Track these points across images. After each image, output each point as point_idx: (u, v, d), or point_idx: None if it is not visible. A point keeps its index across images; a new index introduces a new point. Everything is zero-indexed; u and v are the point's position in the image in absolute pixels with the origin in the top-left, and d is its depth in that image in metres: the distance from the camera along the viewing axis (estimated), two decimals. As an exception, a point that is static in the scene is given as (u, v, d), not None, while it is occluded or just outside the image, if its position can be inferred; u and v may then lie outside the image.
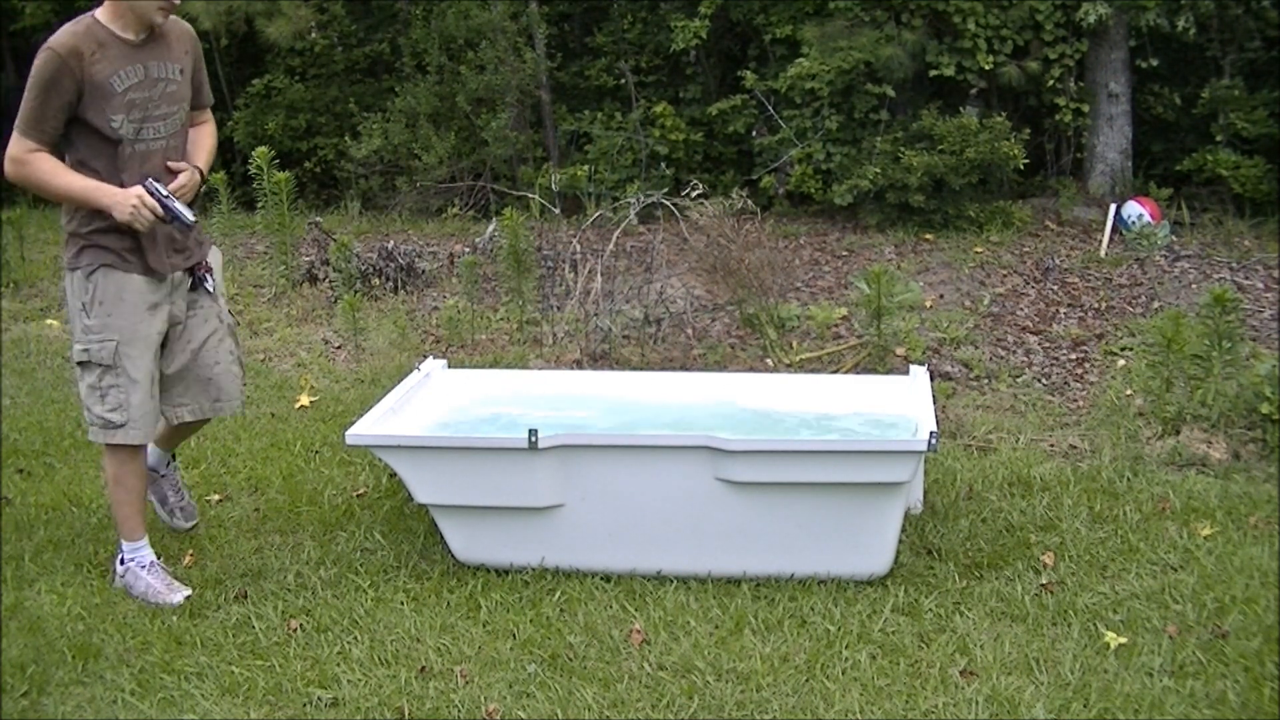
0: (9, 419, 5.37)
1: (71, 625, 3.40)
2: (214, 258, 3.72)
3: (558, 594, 3.50)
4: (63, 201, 3.40)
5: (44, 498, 4.37)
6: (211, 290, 3.64)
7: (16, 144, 3.34)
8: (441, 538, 3.73)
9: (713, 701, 2.95)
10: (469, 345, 6.40)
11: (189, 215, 3.38)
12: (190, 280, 3.59)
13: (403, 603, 3.50)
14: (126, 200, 3.30)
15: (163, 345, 3.54)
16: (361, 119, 9.85)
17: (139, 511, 3.62)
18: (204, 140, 3.80)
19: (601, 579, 3.58)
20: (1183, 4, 7.82)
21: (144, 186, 3.32)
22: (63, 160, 3.40)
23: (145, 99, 3.40)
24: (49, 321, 7.42)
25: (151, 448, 3.82)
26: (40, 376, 6.18)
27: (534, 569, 3.62)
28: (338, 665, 3.15)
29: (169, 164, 3.50)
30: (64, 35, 3.30)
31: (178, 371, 3.59)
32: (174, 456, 4.04)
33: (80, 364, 3.45)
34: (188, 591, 3.57)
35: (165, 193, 3.35)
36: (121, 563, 3.64)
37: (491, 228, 8.09)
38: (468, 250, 7.94)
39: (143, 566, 3.60)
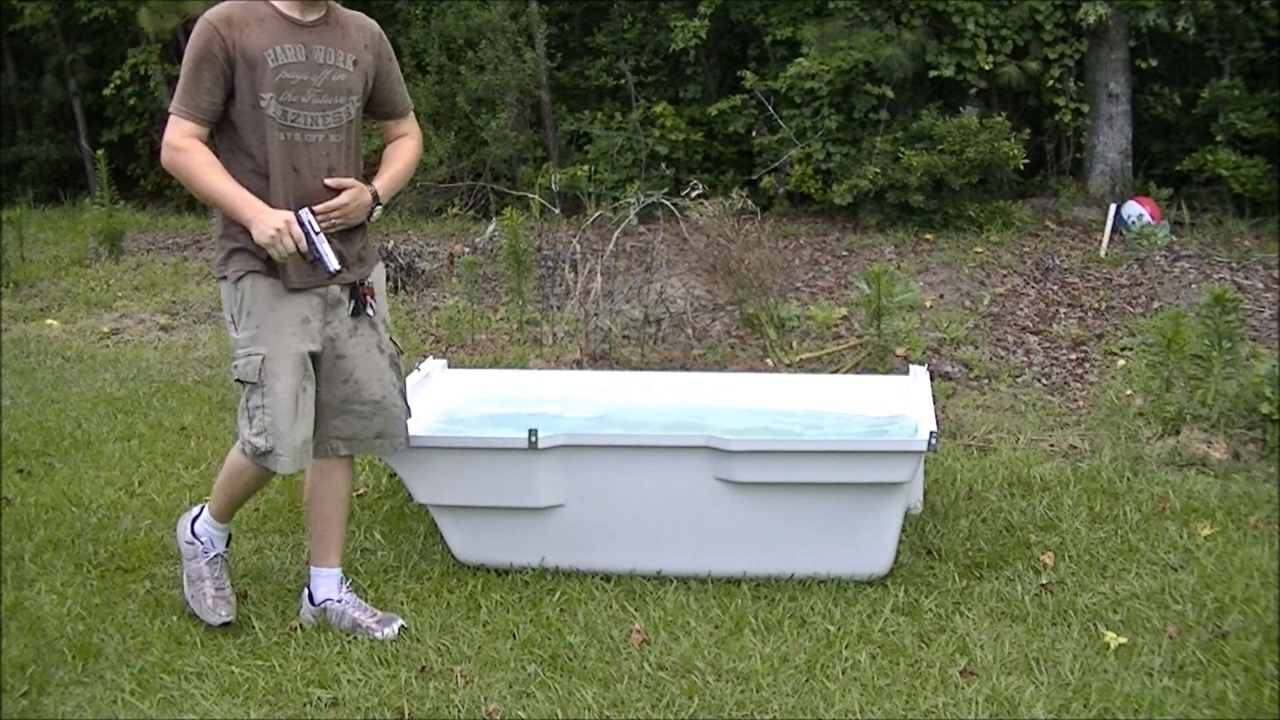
0: (9, 419, 5.37)
1: (71, 625, 3.40)
2: (377, 277, 3.39)
3: (558, 594, 3.50)
4: (207, 201, 3.18)
5: (44, 498, 4.36)
6: (373, 315, 3.32)
7: (173, 128, 3.09)
8: (441, 538, 3.73)
9: (713, 701, 2.95)
10: (469, 345, 6.39)
11: (332, 263, 3.04)
12: (352, 304, 3.27)
13: (403, 603, 3.49)
14: (270, 223, 3.01)
15: (318, 370, 3.22)
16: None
17: (237, 505, 3.44)
18: (397, 156, 3.42)
19: (601, 579, 3.58)
20: (1182, 4, 7.82)
21: (297, 214, 3.05)
22: (216, 153, 3.16)
23: (302, 81, 3.10)
24: (49, 321, 7.42)
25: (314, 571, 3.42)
26: (40, 376, 6.18)
27: (534, 569, 3.62)
28: (338, 665, 3.15)
29: (329, 182, 3.16)
30: (220, 5, 3.10)
31: (335, 402, 3.26)
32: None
33: (237, 381, 3.17)
34: (230, 616, 3.33)
35: (316, 229, 3.05)
36: (192, 534, 3.41)
37: (491, 228, 8.10)
38: (468, 250, 7.94)
39: (208, 555, 3.38)
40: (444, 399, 4.22)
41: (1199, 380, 4.73)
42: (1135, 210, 7.65)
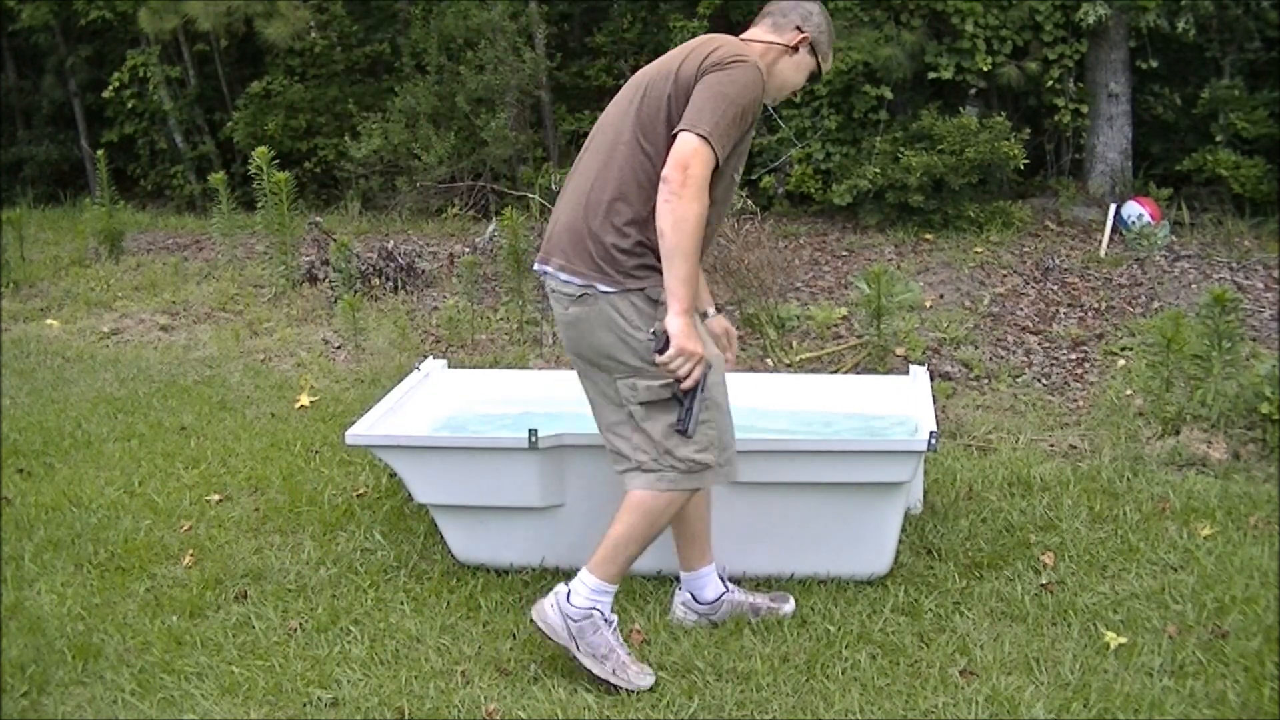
0: (9, 419, 5.37)
1: (71, 625, 3.40)
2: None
3: (558, 594, 3.49)
4: (673, 257, 2.79)
5: (44, 498, 4.37)
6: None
7: (704, 162, 2.78)
8: (441, 538, 3.73)
9: (713, 701, 2.95)
10: (469, 345, 6.40)
11: (691, 425, 2.89)
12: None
13: (403, 603, 3.49)
14: (692, 350, 2.80)
15: None
16: (361, 119, 9.85)
17: (636, 557, 3.07)
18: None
19: (601, 579, 3.58)
20: (1182, 5, 7.82)
21: (705, 365, 2.88)
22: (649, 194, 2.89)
23: (741, 154, 3.01)
24: (49, 321, 7.43)
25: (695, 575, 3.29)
26: (40, 376, 6.18)
27: (534, 569, 3.62)
28: (338, 665, 3.15)
29: (716, 328, 3.26)
30: (753, 53, 2.97)
31: None
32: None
33: (651, 401, 2.93)
34: (652, 678, 3.03)
35: (703, 388, 2.90)
36: (583, 609, 3.01)
37: (491, 228, 8.10)
38: (468, 250, 7.94)
39: (611, 624, 3.05)
40: (444, 399, 4.21)
41: (1199, 380, 4.73)
42: (1135, 210, 7.65)
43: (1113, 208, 7.68)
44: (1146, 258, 7.16)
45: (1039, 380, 5.55)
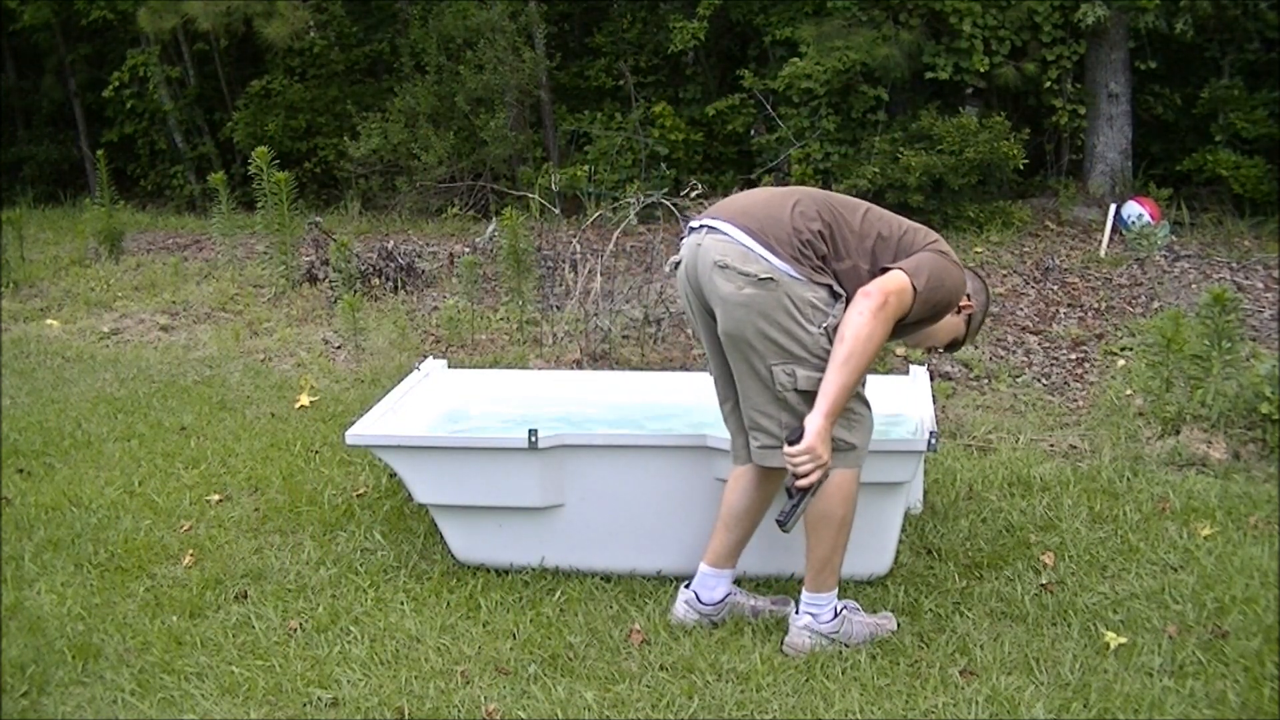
0: (9, 419, 5.37)
1: (71, 625, 3.40)
2: None
3: (558, 594, 3.50)
4: (845, 368, 2.88)
5: (44, 498, 4.36)
6: None
7: (904, 298, 2.93)
8: (441, 538, 3.73)
9: (713, 701, 2.95)
10: (469, 345, 6.40)
11: (791, 522, 2.97)
12: None
13: (403, 603, 3.49)
14: (822, 453, 2.89)
15: None
16: (361, 119, 9.86)
17: (843, 553, 3.16)
18: None
19: (601, 579, 3.58)
20: (1180, 5, 7.82)
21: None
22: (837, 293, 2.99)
23: None
24: (49, 321, 7.43)
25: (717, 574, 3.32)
26: (40, 376, 6.18)
27: (534, 569, 3.62)
28: (338, 665, 3.15)
29: None
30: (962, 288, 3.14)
31: None
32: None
33: (808, 390, 2.96)
34: (892, 618, 3.25)
35: (813, 493, 2.98)
36: (830, 620, 3.13)
37: (491, 228, 8.10)
38: (468, 250, 7.94)
39: (853, 610, 3.20)
40: (444, 399, 4.22)
41: (1199, 380, 4.73)
42: (1135, 210, 7.65)
43: (1113, 208, 7.69)
44: (1146, 258, 7.16)
45: (1039, 380, 5.55)
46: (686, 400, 4.22)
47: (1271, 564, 3.56)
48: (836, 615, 3.14)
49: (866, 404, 3.12)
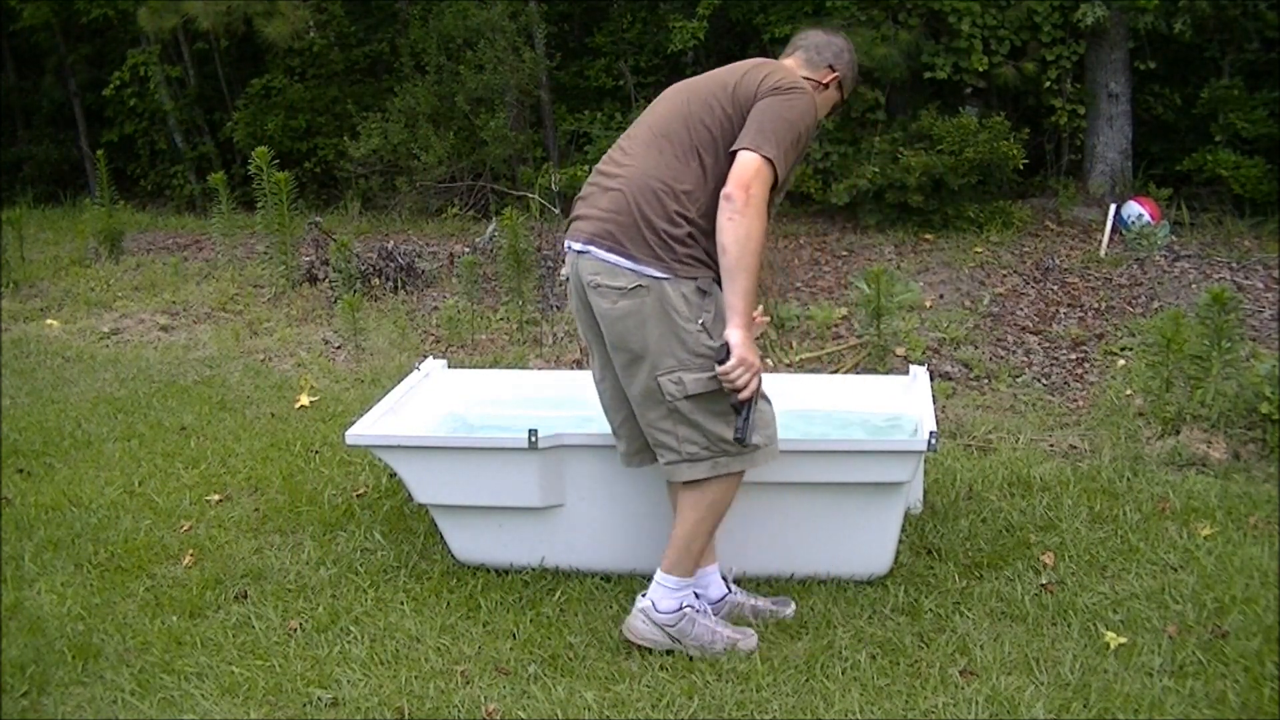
0: (9, 419, 5.37)
1: (71, 625, 3.40)
2: None
3: (558, 594, 3.50)
4: (737, 274, 2.89)
5: (44, 498, 4.36)
6: None
7: (763, 178, 2.87)
8: (441, 538, 3.73)
9: (713, 701, 2.95)
10: (469, 345, 6.40)
11: (747, 433, 2.96)
12: None
13: (403, 603, 3.49)
14: (752, 361, 2.91)
15: None
16: (361, 119, 9.86)
17: (705, 548, 3.17)
18: None
19: (601, 579, 3.58)
20: (1179, 6, 7.82)
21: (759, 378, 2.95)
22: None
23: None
24: (49, 321, 7.43)
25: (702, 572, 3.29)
26: (40, 376, 6.18)
27: (534, 569, 3.62)
28: (338, 665, 3.15)
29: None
30: (805, 80, 3.06)
31: None
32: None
33: (698, 394, 2.97)
34: (755, 636, 3.17)
35: (763, 396, 3.00)
36: (672, 611, 3.10)
37: (491, 228, 8.10)
38: (468, 250, 7.94)
39: (701, 612, 3.15)
40: (444, 399, 4.21)
41: (1199, 380, 4.73)
42: (1135, 210, 7.65)
43: (1113, 208, 7.68)
44: (1146, 258, 7.16)
45: (1039, 380, 5.55)
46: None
47: (1271, 564, 3.56)
48: (680, 609, 3.09)
49: (768, 400, 3.11)
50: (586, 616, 3.37)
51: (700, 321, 2.97)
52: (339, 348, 6.53)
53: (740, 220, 2.85)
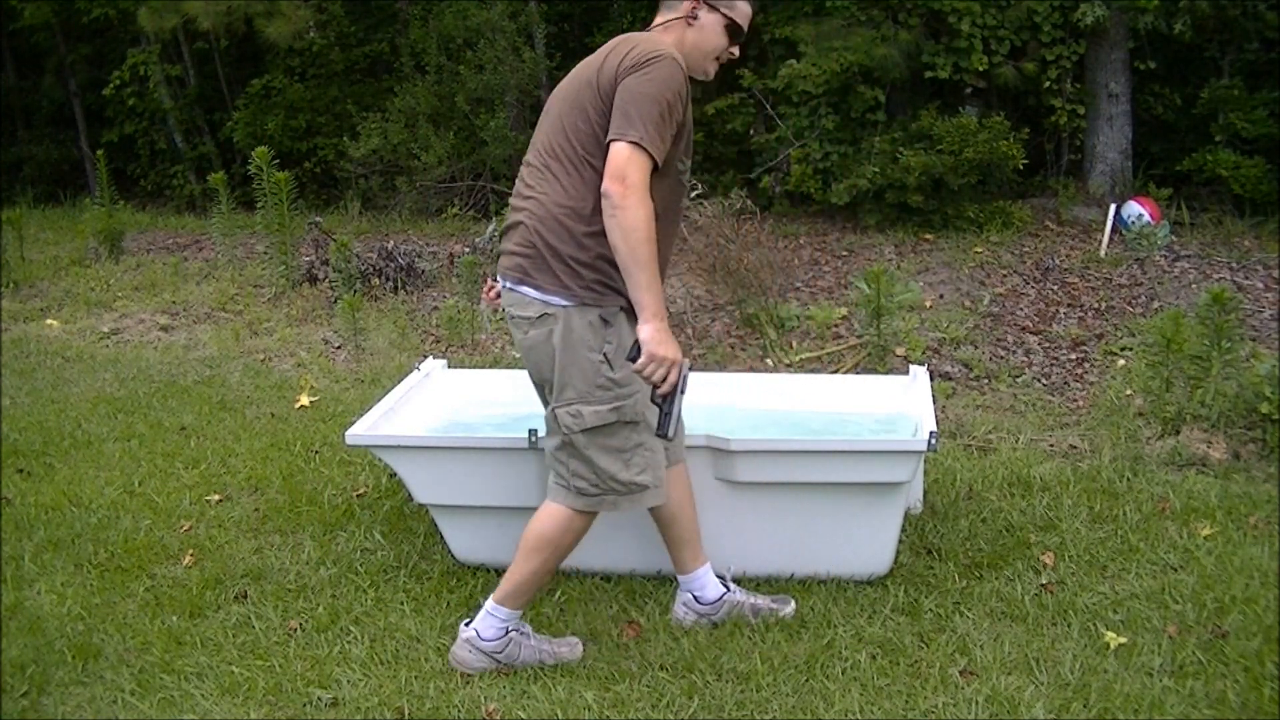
0: (9, 419, 5.37)
1: (71, 625, 3.40)
2: None
3: (558, 594, 3.50)
4: (630, 266, 2.78)
5: (44, 498, 4.37)
6: None
7: (638, 165, 2.75)
8: (441, 538, 3.73)
9: (713, 701, 2.95)
10: (469, 345, 6.40)
11: (670, 428, 2.86)
12: None
13: (403, 603, 3.49)
14: (664, 355, 2.79)
15: None
16: (361, 119, 9.85)
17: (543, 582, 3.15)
18: None
19: (601, 579, 3.58)
20: (1180, 6, 7.82)
21: (684, 366, 2.85)
22: None
23: (690, 145, 2.97)
24: (49, 321, 7.43)
25: (692, 577, 3.30)
26: (40, 376, 6.18)
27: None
28: (338, 665, 3.15)
29: None
30: (669, 46, 2.91)
31: None
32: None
33: (595, 427, 2.92)
34: (579, 644, 3.18)
35: (683, 391, 2.86)
36: (495, 639, 3.09)
37: (491, 228, 8.09)
38: (468, 250, 7.94)
39: (526, 636, 3.13)
40: (444, 399, 4.21)
41: (1199, 380, 4.73)
42: (1135, 210, 7.65)
43: (1113, 208, 7.68)
44: (1146, 258, 7.16)
45: (1039, 380, 5.55)
46: (687, 400, 4.22)
47: (1271, 564, 3.56)
48: (505, 635, 3.08)
49: (652, 434, 2.96)
50: (586, 616, 3.37)
51: (603, 352, 2.90)
52: (339, 348, 6.53)
53: (621, 214, 2.74)
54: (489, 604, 3.09)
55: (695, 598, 3.29)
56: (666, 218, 2.95)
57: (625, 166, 2.75)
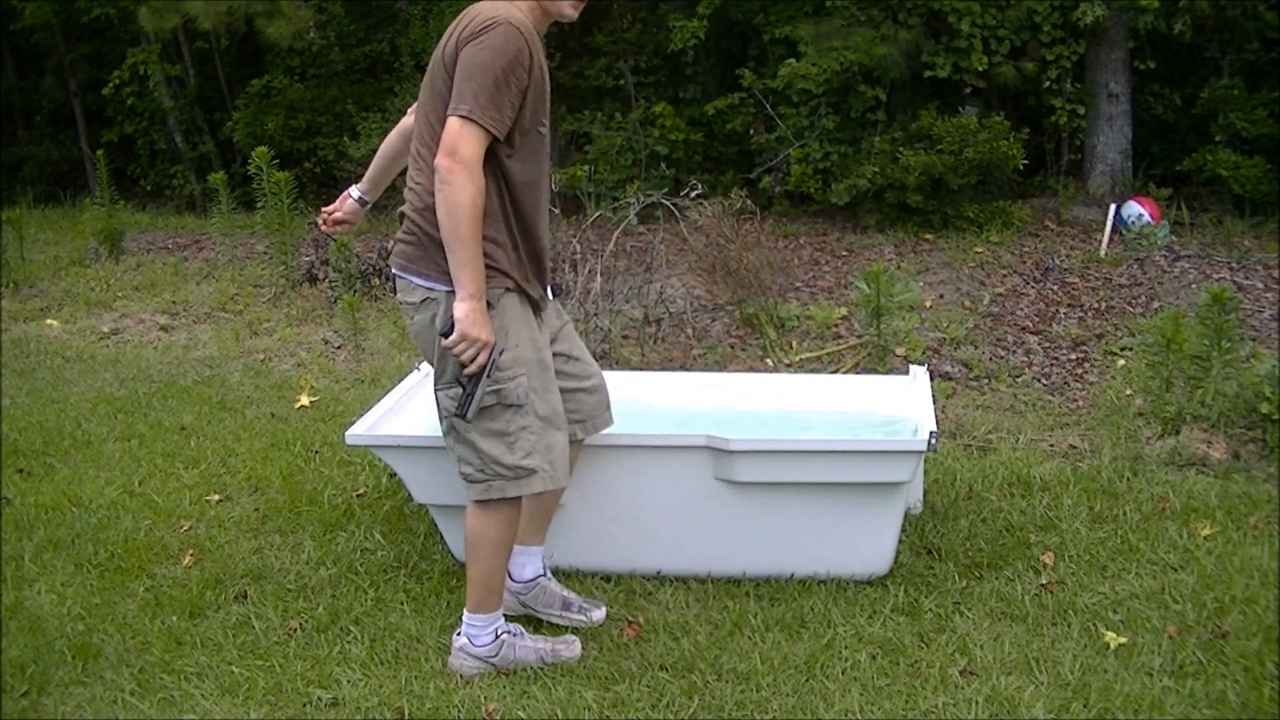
0: (9, 419, 5.37)
1: (71, 625, 3.40)
2: None
3: (558, 594, 3.50)
4: (451, 242, 2.78)
5: (44, 498, 4.37)
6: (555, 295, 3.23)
7: (471, 140, 2.72)
8: (441, 538, 3.73)
9: (713, 701, 2.95)
10: (469, 345, 6.39)
11: (472, 412, 2.88)
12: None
13: (403, 603, 3.50)
14: (474, 335, 2.80)
15: None
16: (361, 119, 9.85)
17: (503, 576, 3.14)
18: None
19: (601, 579, 3.58)
20: (1180, 6, 7.82)
21: (495, 350, 2.85)
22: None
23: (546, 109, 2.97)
24: (49, 321, 7.43)
25: (524, 550, 3.31)
26: (40, 376, 6.18)
27: (534, 569, 3.61)
28: (338, 665, 3.15)
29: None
30: (510, 10, 2.81)
31: (565, 389, 3.14)
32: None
33: (486, 409, 2.91)
34: (578, 642, 3.19)
35: (489, 374, 2.86)
36: (488, 642, 3.09)
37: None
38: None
39: (518, 636, 3.14)
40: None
41: (1199, 380, 4.73)
42: (1135, 210, 7.65)
43: (1113, 208, 7.68)
44: (1146, 258, 7.16)
45: (1039, 380, 5.55)
46: (687, 400, 4.23)
47: (1271, 564, 3.56)
48: (496, 639, 3.09)
49: (539, 417, 2.97)
50: (586, 616, 3.37)
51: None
52: (339, 348, 6.53)
53: (446, 190, 2.73)
54: (465, 615, 3.11)
55: (510, 574, 3.29)
56: (535, 184, 2.95)
57: (454, 141, 2.73)
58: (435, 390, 3.00)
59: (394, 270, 3.06)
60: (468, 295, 2.79)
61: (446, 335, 2.83)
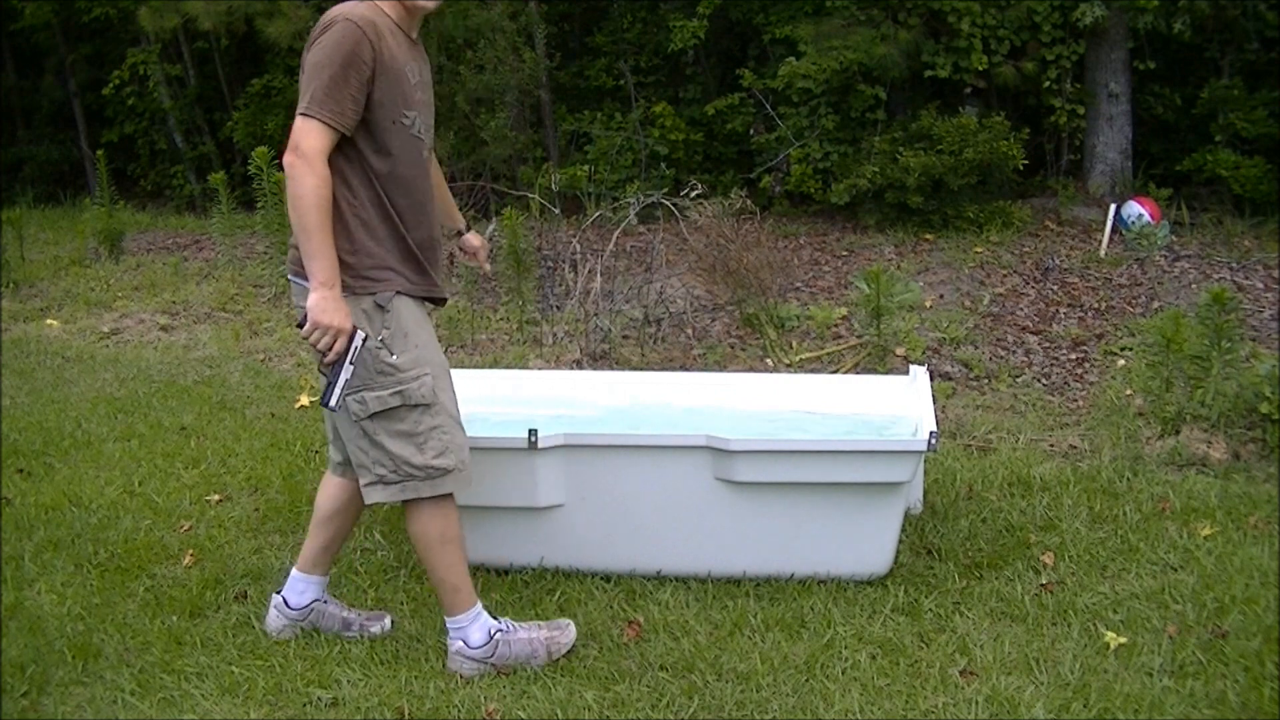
0: (9, 419, 5.37)
1: (71, 625, 3.40)
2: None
3: (558, 594, 3.50)
4: (300, 234, 2.83)
5: (44, 498, 4.36)
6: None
7: (312, 134, 2.79)
8: (441, 538, 3.72)
9: (713, 701, 2.95)
10: (469, 345, 6.40)
11: (334, 399, 2.87)
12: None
13: (403, 603, 3.49)
14: (340, 315, 2.82)
15: None
16: (361, 119, 9.84)
17: (464, 570, 3.10)
18: (446, 190, 3.38)
19: (601, 579, 3.58)
20: (1179, 6, 7.82)
21: (356, 338, 2.85)
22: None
23: (427, 104, 3.03)
24: (49, 321, 7.43)
25: (306, 579, 3.31)
26: (40, 376, 6.18)
27: (534, 569, 3.62)
28: (338, 665, 3.15)
29: (473, 243, 3.56)
30: (355, 8, 2.87)
31: None
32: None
33: (380, 412, 2.93)
34: (573, 628, 3.19)
35: (353, 360, 2.86)
36: (483, 641, 3.09)
37: (491, 228, 8.09)
38: (467, 250, 7.93)
39: (510, 631, 3.13)
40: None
41: (1199, 380, 4.73)
42: (1135, 210, 7.65)
43: (1113, 208, 7.68)
44: (1146, 258, 7.16)
45: (1039, 380, 5.55)
46: (687, 400, 4.23)
47: (1271, 564, 3.56)
48: (490, 639, 3.08)
49: (450, 415, 3.01)
50: (586, 616, 3.37)
51: (380, 338, 2.92)
52: (339, 348, 6.52)
53: (290, 183, 2.81)
54: (446, 621, 3.11)
55: (286, 601, 3.28)
56: (409, 178, 2.98)
57: (296, 136, 2.81)
58: (345, 396, 2.96)
59: (288, 276, 3.08)
60: (319, 284, 2.82)
61: (301, 326, 2.86)
